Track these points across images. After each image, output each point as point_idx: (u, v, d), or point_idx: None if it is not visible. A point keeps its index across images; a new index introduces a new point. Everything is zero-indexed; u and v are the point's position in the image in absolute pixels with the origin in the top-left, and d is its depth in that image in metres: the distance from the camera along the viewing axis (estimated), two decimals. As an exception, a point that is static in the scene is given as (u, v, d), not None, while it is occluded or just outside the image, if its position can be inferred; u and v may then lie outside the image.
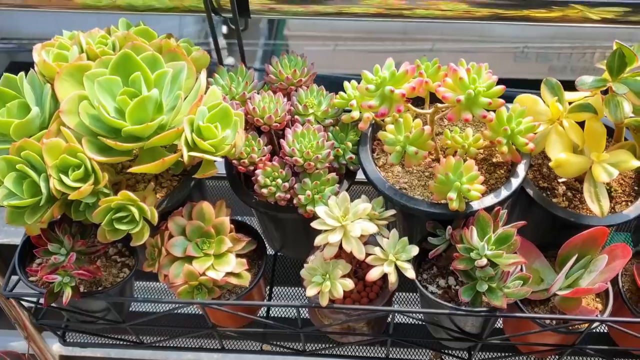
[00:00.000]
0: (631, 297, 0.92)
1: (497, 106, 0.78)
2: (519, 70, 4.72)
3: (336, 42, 4.68)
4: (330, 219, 0.80)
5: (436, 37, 4.49)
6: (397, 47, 4.43)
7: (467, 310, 0.81)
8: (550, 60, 4.04)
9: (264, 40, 5.00)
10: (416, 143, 0.82)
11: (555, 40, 4.03)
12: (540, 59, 4.42)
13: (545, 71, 4.04)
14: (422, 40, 4.44)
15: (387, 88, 0.77)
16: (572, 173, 0.86)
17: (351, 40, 4.60)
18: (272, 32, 5.00)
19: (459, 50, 4.79)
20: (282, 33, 4.83)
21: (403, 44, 4.47)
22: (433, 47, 4.43)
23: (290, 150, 0.85)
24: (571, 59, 3.77)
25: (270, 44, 4.98)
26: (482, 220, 0.82)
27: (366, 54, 5.43)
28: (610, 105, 0.81)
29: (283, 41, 4.93)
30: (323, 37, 4.63)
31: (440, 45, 4.36)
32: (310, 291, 0.81)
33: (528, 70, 4.14)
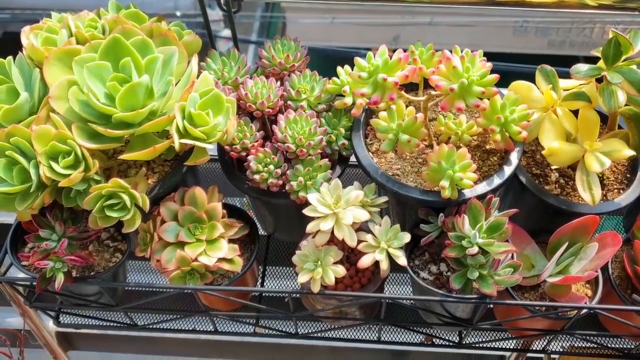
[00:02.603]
0: (620, 283, 0.92)
1: (490, 95, 0.78)
2: (518, 44, 4.67)
3: (333, 15, 4.61)
4: (322, 206, 0.80)
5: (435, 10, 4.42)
6: (395, 20, 4.37)
7: (457, 297, 0.82)
8: (550, 35, 4.01)
9: (261, 12, 4.93)
10: (409, 131, 0.81)
11: (555, 14, 3.99)
12: (539, 33, 4.37)
13: (544, 45, 4.00)
14: (420, 14, 4.38)
15: (379, 76, 0.77)
16: (565, 161, 0.86)
17: (349, 13, 4.54)
18: (269, 4, 4.93)
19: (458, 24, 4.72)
20: (279, 5, 4.76)
21: (402, 17, 4.41)
22: (432, 20, 4.38)
23: (283, 137, 0.85)
24: (570, 34, 3.73)
25: (267, 16, 4.91)
26: (474, 209, 0.82)
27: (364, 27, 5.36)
28: (605, 94, 0.81)
29: (280, 13, 4.86)
30: (320, 9, 4.57)
31: (439, 19, 4.31)
32: (302, 278, 0.82)
33: (527, 45, 4.10)
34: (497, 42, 5.27)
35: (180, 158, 0.89)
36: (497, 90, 0.78)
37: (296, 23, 6.21)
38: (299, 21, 5.00)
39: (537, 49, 4.06)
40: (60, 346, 1.37)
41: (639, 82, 0.79)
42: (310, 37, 6.15)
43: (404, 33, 5.87)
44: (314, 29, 6.23)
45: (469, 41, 5.50)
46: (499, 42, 5.23)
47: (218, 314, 0.95)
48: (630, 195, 0.90)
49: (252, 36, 7.09)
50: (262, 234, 1.12)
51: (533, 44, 4.27)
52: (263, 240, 1.10)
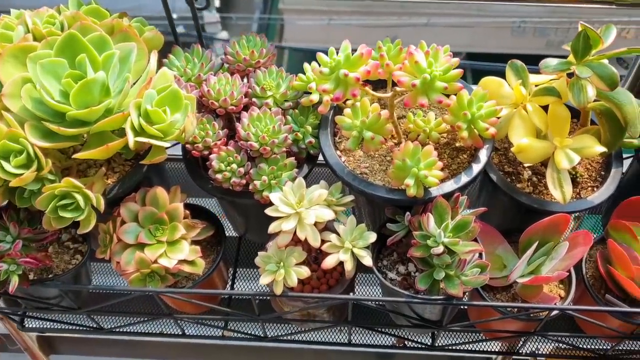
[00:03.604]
0: (594, 283, 0.90)
1: (454, 91, 0.76)
2: (517, 44, 4.65)
3: (330, 17, 4.60)
4: (284, 205, 0.78)
5: (432, 11, 4.41)
6: (392, 21, 4.36)
7: (423, 298, 0.80)
8: (548, 35, 4.00)
9: (259, 14, 4.93)
10: (373, 128, 0.79)
11: (553, 15, 3.97)
12: (537, 34, 4.36)
13: (542, 46, 3.98)
14: (418, 15, 4.37)
15: (341, 72, 0.75)
16: (535, 159, 0.84)
17: (347, 14, 4.53)
18: (267, 5, 4.92)
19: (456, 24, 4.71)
20: (277, 7, 4.76)
21: (399, 18, 4.41)
22: (428, 21, 4.37)
23: (246, 135, 0.83)
24: (569, 34, 3.72)
25: (265, 18, 4.91)
26: (440, 207, 0.80)
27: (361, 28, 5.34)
28: (574, 89, 0.78)
29: (278, 15, 4.85)
30: (318, 11, 4.56)
31: (436, 19, 4.30)
32: (264, 279, 0.79)
33: (525, 45, 4.09)
34: (495, 42, 5.25)
35: (142, 157, 0.87)
36: (461, 86, 0.76)
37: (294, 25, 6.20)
38: (297, 23, 4.99)
39: (536, 49, 4.04)
40: (42, 350, 1.35)
41: (608, 76, 0.77)
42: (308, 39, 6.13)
43: (401, 34, 5.85)
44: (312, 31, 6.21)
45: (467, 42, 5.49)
46: (497, 42, 5.21)
47: (183, 317, 0.93)
48: (604, 193, 0.88)
49: None
50: (234, 235, 1.10)
51: (531, 44, 4.25)
52: (234, 241, 1.08)
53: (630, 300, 0.86)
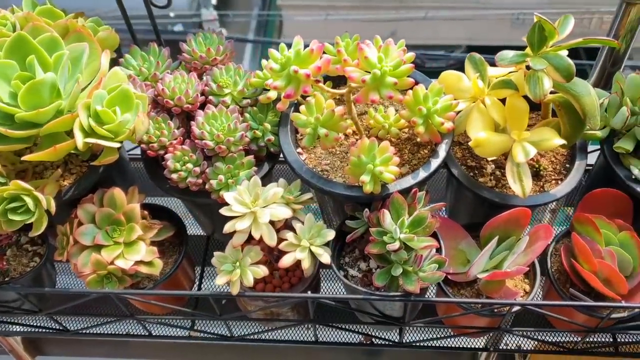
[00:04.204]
0: (559, 277, 0.89)
1: (404, 86, 0.75)
2: (517, 36, 4.59)
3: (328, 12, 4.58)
4: (238, 205, 0.77)
5: (431, 4, 4.39)
6: (390, 15, 4.34)
7: (381, 295, 0.79)
8: None
9: (257, 11, 4.92)
10: (327, 125, 0.78)
11: (552, 5, 3.95)
12: None
13: None
14: (416, 9, 4.35)
15: (291, 68, 0.74)
16: (493, 153, 0.83)
17: (345, 9, 4.52)
18: (266, 2, 4.91)
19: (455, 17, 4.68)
20: (275, 3, 4.75)
21: (397, 12, 4.39)
22: (426, 15, 4.35)
23: (200, 133, 0.82)
24: None
25: (264, 15, 4.90)
26: (397, 203, 0.79)
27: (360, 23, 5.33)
28: (531, 81, 0.77)
29: (276, 11, 4.84)
30: (316, 6, 4.55)
31: (434, 13, 4.27)
32: (220, 280, 0.79)
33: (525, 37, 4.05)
34: (495, 35, 5.21)
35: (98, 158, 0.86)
36: (412, 81, 0.75)
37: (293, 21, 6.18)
38: (295, 19, 4.98)
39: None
40: (27, 351, 1.34)
41: (564, 68, 0.76)
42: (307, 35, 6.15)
43: (400, 28, 5.82)
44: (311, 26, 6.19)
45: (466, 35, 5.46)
46: (497, 35, 5.16)
47: (146, 318, 0.92)
48: (567, 186, 0.87)
49: (249, 35, 7.04)
50: (202, 234, 1.09)
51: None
52: (202, 240, 1.08)
53: (595, 294, 0.85)
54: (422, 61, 5.12)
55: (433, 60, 5.10)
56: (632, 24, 0.95)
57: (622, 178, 0.86)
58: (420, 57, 5.37)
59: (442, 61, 5.62)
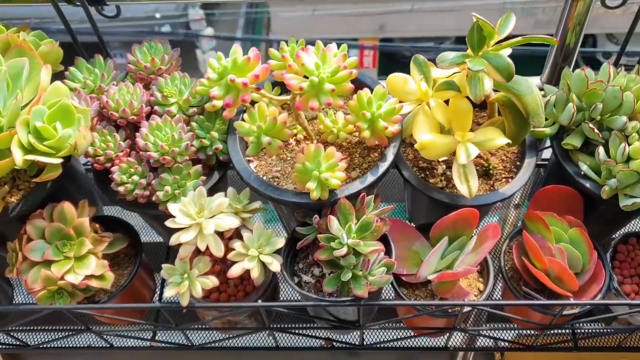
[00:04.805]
0: (513, 275, 0.90)
1: (343, 92, 0.75)
2: None
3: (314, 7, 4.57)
4: (183, 216, 0.77)
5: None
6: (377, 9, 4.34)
7: (330, 300, 0.79)
8: (536, 15, 3.98)
9: (245, 8, 4.91)
10: (270, 132, 0.78)
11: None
12: (525, 14, 4.32)
13: (530, 25, 3.97)
14: (401, 1, 4.33)
15: (228, 77, 0.73)
16: (439, 154, 0.83)
17: (331, 3, 4.50)
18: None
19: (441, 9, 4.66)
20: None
21: (384, 5, 4.37)
22: (412, 7, 4.34)
23: (144, 145, 0.81)
24: (556, 13, 3.70)
25: (252, 12, 4.89)
26: (344, 208, 0.79)
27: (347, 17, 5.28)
28: (472, 82, 0.78)
29: (264, 8, 4.83)
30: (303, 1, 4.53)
31: (421, 4, 4.26)
32: (168, 292, 0.79)
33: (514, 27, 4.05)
34: None
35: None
36: (351, 87, 0.75)
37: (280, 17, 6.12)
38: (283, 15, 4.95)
39: (525, 29, 4.02)
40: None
41: (504, 67, 0.76)
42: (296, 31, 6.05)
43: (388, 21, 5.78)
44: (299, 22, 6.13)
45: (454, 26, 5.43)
46: None
47: (103, 331, 0.92)
48: (516, 184, 0.87)
49: (237, 33, 6.95)
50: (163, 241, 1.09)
51: (520, 24, 4.21)
52: (163, 248, 1.07)
53: (548, 291, 0.86)
54: (411, 53, 5.13)
55: (423, 52, 5.11)
56: (579, 17, 0.95)
57: (571, 174, 0.86)
58: (410, 50, 5.36)
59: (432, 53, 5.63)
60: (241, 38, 6.86)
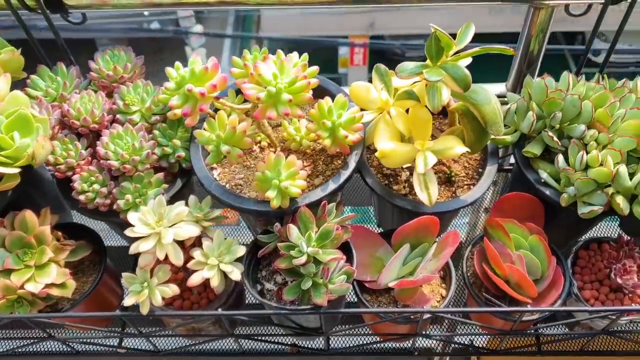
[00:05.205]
0: (475, 281, 0.90)
1: (301, 102, 0.75)
2: (496, 23, 4.57)
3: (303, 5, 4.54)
4: (142, 225, 0.77)
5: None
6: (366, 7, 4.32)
7: (290, 309, 0.80)
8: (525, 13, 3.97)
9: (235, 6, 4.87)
10: (230, 141, 0.78)
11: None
12: (515, 11, 4.31)
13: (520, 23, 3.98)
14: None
15: (186, 87, 0.73)
16: (399, 163, 0.84)
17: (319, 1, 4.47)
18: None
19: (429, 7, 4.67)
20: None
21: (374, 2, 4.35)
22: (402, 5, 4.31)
23: (105, 153, 0.81)
24: None
25: (242, 10, 4.88)
26: (304, 217, 0.79)
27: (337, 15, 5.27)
28: (430, 92, 0.78)
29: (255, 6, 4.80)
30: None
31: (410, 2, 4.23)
32: (128, 301, 0.79)
33: (505, 23, 4.04)
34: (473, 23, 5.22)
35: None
36: (309, 97, 0.75)
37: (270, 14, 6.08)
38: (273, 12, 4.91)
39: (515, 27, 4.03)
40: None
41: (461, 78, 0.77)
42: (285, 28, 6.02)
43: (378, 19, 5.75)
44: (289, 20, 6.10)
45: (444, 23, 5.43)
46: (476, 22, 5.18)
47: (67, 339, 0.92)
48: (477, 192, 0.88)
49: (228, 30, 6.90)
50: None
51: (510, 22, 4.19)
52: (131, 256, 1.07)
53: (509, 298, 0.87)
54: (402, 51, 5.12)
55: (413, 50, 5.10)
56: (542, 25, 0.96)
57: (532, 182, 0.87)
58: (401, 48, 5.35)
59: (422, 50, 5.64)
60: (231, 35, 6.83)
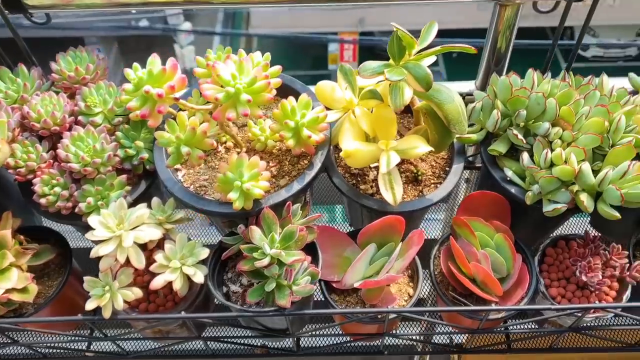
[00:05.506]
0: (442, 280, 0.90)
1: (262, 103, 0.74)
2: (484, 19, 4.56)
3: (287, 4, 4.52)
4: (102, 229, 0.76)
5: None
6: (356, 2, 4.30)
7: (254, 311, 0.79)
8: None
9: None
10: (190, 142, 0.78)
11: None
12: None
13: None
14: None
15: (143, 88, 0.73)
16: (363, 163, 0.83)
17: None
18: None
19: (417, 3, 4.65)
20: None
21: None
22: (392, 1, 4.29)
23: (65, 156, 0.80)
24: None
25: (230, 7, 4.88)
26: (267, 219, 0.79)
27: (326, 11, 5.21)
28: (393, 91, 0.78)
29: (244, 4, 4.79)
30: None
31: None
32: (89, 305, 0.78)
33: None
34: (462, 18, 5.19)
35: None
36: (269, 97, 0.75)
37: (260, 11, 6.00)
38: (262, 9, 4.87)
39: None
40: None
41: (423, 77, 0.76)
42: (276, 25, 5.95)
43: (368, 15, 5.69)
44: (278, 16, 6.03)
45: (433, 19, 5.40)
46: (464, 18, 5.14)
47: (32, 344, 0.91)
48: (443, 190, 0.88)
49: (217, 26, 6.80)
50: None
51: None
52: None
53: (476, 296, 0.87)
54: None
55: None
56: (509, 21, 0.96)
57: (497, 180, 0.87)
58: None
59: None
60: (220, 33, 6.74)
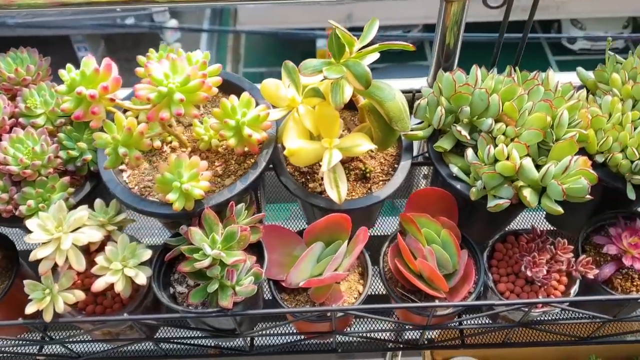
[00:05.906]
0: (391, 277, 0.90)
1: (195, 102, 0.74)
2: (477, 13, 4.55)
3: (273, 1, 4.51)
4: (40, 231, 0.75)
5: (382, -17, 4.32)
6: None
7: (197, 312, 0.79)
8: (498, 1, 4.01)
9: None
10: (127, 143, 0.77)
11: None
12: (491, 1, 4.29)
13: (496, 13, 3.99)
14: None
15: (77, 89, 0.72)
16: (307, 161, 0.83)
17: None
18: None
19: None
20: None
21: None
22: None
23: (4, 158, 0.79)
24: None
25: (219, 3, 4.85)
26: (208, 219, 0.78)
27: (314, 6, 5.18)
28: (333, 89, 0.77)
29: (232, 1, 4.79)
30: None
31: None
32: (29, 308, 0.77)
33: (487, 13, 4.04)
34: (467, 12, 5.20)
35: None
36: (204, 96, 0.74)
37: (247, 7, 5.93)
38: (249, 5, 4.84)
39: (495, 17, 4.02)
40: None
41: (362, 75, 0.76)
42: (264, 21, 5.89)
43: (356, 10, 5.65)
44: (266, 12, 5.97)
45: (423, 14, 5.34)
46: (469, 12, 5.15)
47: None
48: (390, 187, 0.88)
49: (205, 23, 6.72)
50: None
51: (493, 11, 4.20)
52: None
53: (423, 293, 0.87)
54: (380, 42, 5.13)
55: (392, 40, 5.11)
56: (456, 17, 0.96)
57: (444, 176, 0.87)
58: (379, 39, 5.36)
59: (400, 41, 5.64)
60: (207, 30, 6.68)
